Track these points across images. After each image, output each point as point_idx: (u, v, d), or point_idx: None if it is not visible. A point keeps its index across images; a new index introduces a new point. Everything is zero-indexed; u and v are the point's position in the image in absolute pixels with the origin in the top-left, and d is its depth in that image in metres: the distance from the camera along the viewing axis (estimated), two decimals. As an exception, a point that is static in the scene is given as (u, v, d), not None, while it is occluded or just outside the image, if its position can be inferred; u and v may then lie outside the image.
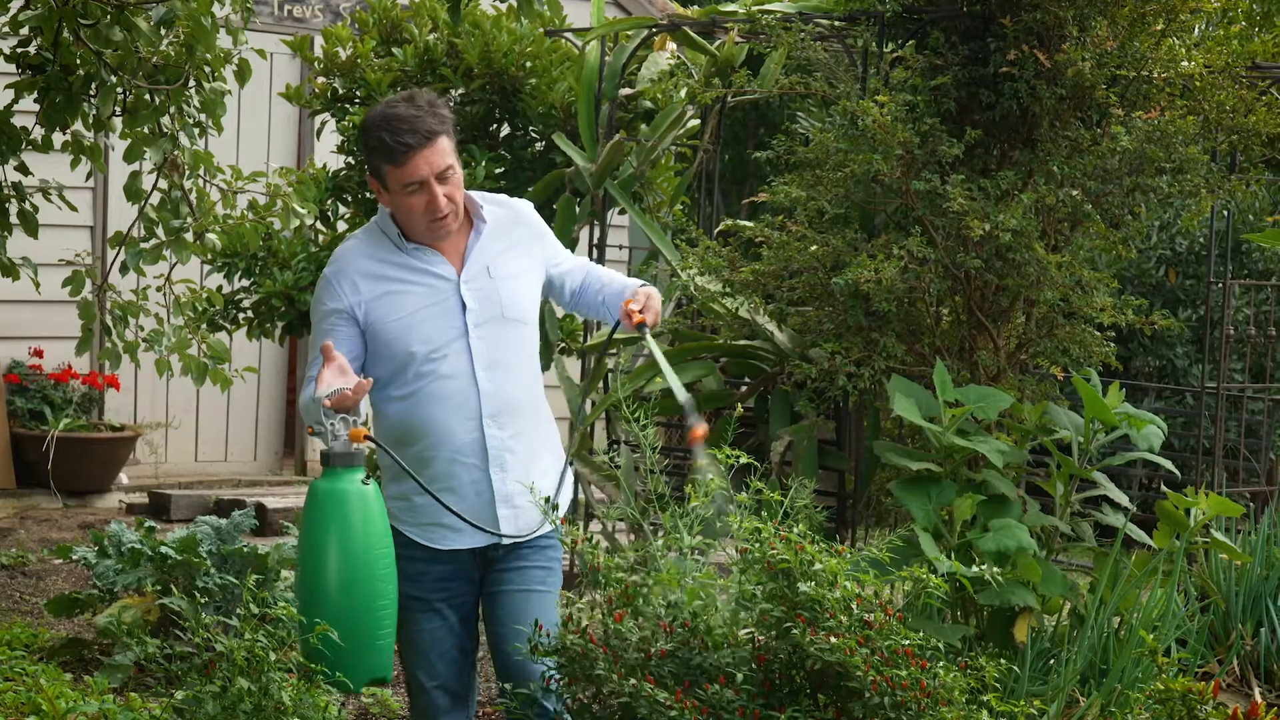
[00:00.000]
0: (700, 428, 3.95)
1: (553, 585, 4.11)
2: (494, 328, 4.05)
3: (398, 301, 4.02)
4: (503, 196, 4.28)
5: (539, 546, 4.12)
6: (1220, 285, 7.86)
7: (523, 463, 4.06)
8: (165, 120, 6.07)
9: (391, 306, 4.02)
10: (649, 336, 4.09)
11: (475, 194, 4.18)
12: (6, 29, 6.05)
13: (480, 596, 4.15)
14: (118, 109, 6.03)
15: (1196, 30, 6.67)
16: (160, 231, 6.25)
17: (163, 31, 5.89)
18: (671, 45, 7.41)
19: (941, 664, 3.65)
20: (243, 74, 6.14)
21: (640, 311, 4.09)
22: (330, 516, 3.79)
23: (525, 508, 4.06)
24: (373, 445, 3.94)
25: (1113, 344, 5.93)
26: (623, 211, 7.26)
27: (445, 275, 4.06)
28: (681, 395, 4.03)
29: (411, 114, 3.97)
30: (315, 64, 7.57)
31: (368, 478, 3.83)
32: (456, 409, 4.01)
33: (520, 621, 3.99)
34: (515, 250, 4.15)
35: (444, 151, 3.99)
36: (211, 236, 6.32)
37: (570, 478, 4.20)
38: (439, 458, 4.01)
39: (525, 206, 4.25)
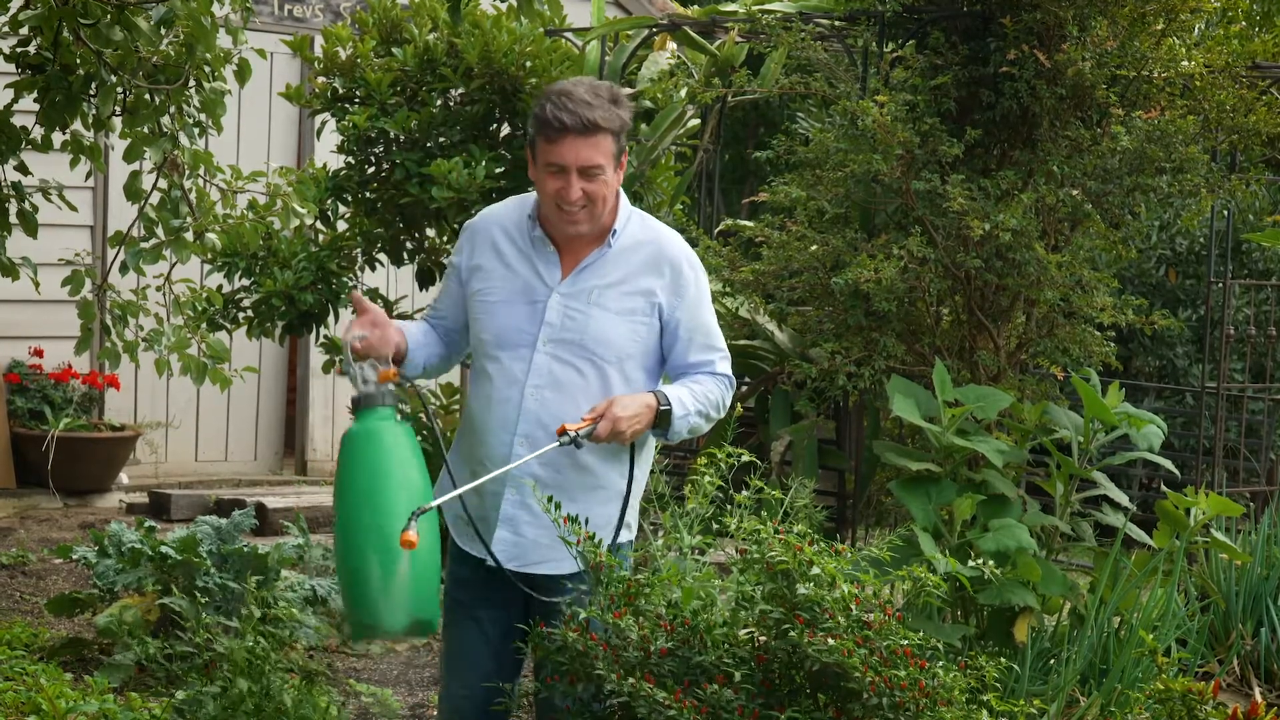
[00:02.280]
0: (410, 532, 3.57)
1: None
2: (568, 351, 3.84)
3: (493, 282, 3.90)
4: (664, 229, 3.96)
5: (586, 581, 3.86)
6: (1220, 285, 7.86)
7: (549, 494, 3.80)
8: (165, 120, 6.06)
9: (487, 284, 3.90)
10: (554, 445, 3.72)
11: (637, 211, 3.95)
12: (6, 28, 6.05)
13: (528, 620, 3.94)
14: (118, 108, 6.02)
15: (1196, 30, 6.67)
16: (160, 231, 6.24)
17: (163, 31, 5.89)
18: (671, 45, 7.41)
19: (941, 664, 3.65)
20: (243, 74, 6.13)
21: (587, 420, 3.73)
22: (363, 452, 3.68)
23: (531, 539, 3.87)
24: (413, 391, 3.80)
25: (1113, 344, 5.93)
26: (623, 211, 7.25)
27: (547, 280, 3.87)
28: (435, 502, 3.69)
29: (584, 98, 3.76)
30: (315, 64, 7.56)
31: (399, 417, 3.72)
32: (499, 416, 3.86)
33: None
34: (637, 285, 3.88)
35: (599, 149, 3.76)
36: (211, 236, 6.31)
37: (620, 534, 3.86)
38: (474, 456, 3.92)
39: (680, 251, 3.91)
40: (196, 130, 6.18)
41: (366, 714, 5.65)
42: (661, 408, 3.80)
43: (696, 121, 7.37)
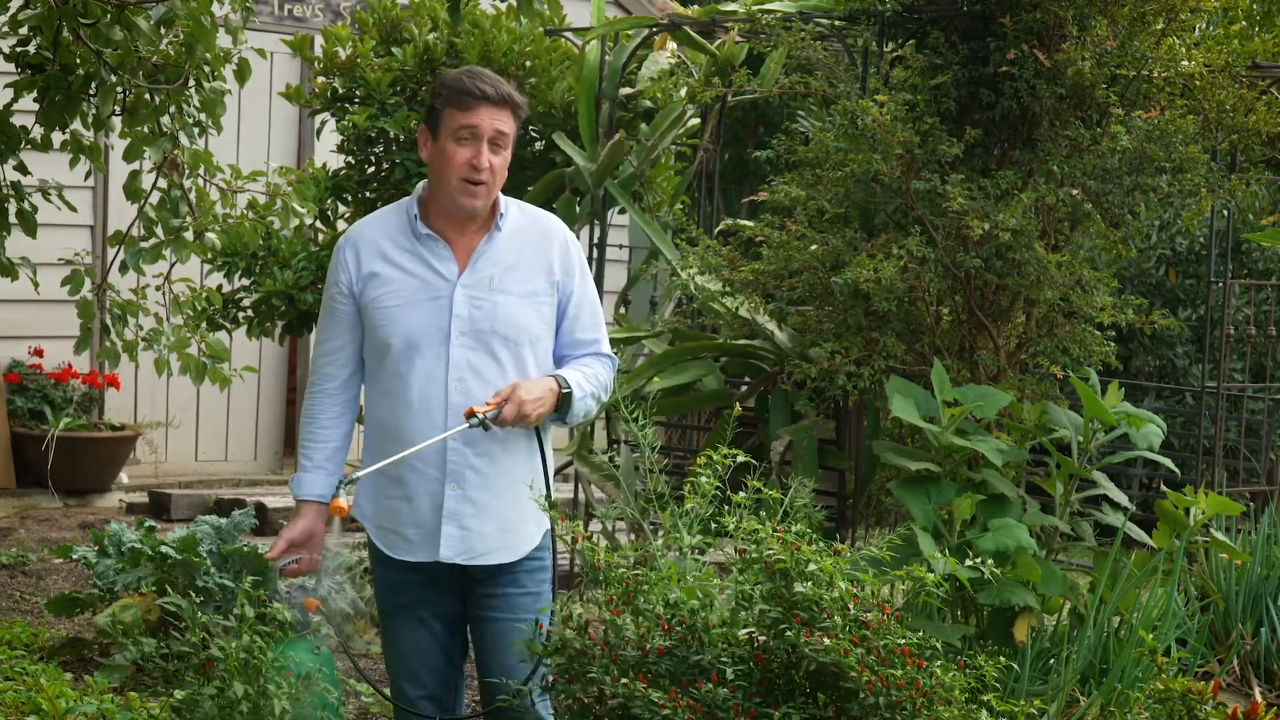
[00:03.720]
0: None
1: (535, 611, 3.95)
2: (480, 340, 3.92)
3: (391, 288, 3.94)
4: (541, 211, 4.12)
5: (526, 569, 3.99)
6: (1220, 285, 7.86)
7: (487, 485, 3.91)
8: (165, 119, 6.06)
9: (384, 291, 3.94)
10: (461, 427, 3.83)
11: (511, 200, 4.05)
12: (6, 28, 6.05)
13: (466, 613, 4.04)
14: (117, 108, 6.02)
15: (1197, 30, 6.67)
16: (160, 231, 6.24)
17: (162, 31, 5.89)
18: (671, 45, 7.41)
19: (939, 663, 3.65)
20: (242, 73, 6.14)
21: (493, 404, 3.83)
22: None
23: (477, 531, 3.92)
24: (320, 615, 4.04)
25: (1113, 343, 5.93)
26: (623, 211, 7.26)
27: (445, 274, 3.94)
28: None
29: (495, 78, 3.95)
30: (315, 63, 7.57)
31: (318, 647, 3.99)
32: (423, 415, 3.90)
33: (503, 652, 3.92)
34: (532, 268, 3.99)
35: (507, 122, 3.93)
36: (211, 236, 6.32)
37: (544, 521, 3.98)
38: (398, 463, 3.91)
39: (563, 231, 4.06)
40: (196, 130, 6.18)
41: (366, 714, 5.65)
42: (563, 390, 3.92)
43: (696, 121, 7.37)
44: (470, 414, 3.81)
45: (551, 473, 4.05)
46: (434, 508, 3.92)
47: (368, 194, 7.17)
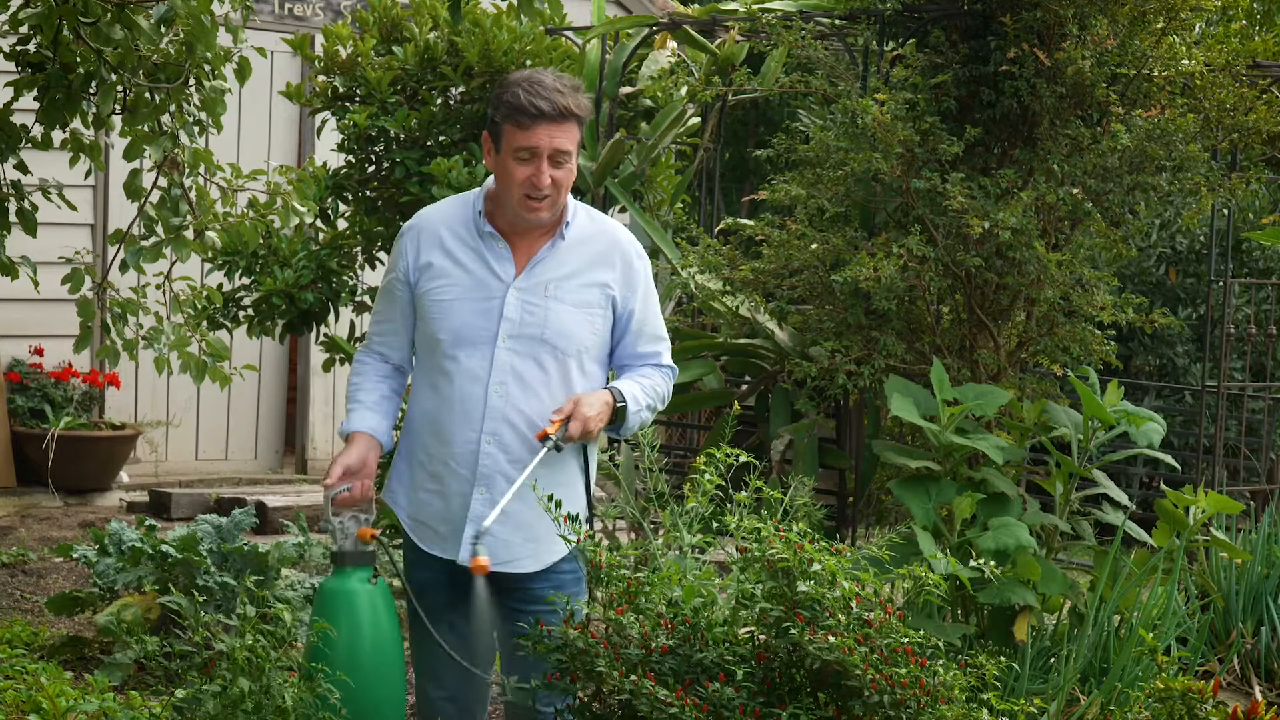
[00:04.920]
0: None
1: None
2: (528, 346, 3.86)
3: (446, 281, 3.89)
4: (612, 223, 4.03)
5: (557, 584, 3.92)
6: (1220, 283, 7.86)
7: (519, 492, 3.82)
8: (165, 118, 6.06)
9: (439, 283, 3.89)
10: (543, 451, 3.77)
11: (583, 206, 3.99)
12: (6, 27, 6.05)
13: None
14: (118, 107, 6.02)
15: (1197, 28, 6.67)
16: (160, 229, 6.24)
17: (163, 30, 5.89)
18: (672, 43, 7.41)
19: (941, 662, 3.65)
20: (243, 72, 6.13)
21: (557, 423, 3.78)
22: (338, 617, 3.82)
23: (503, 538, 3.85)
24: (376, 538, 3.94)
25: (1113, 342, 5.93)
26: (623, 209, 7.26)
27: (501, 275, 3.88)
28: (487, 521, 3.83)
29: (555, 86, 3.81)
30: (315, 62, 7.57)
31: (375, 576, 3.86)
32: (462, 415, 3.86)
33: (526, 666, 3.85)
34: (590, 278, 3.91)
35: (569, 136, 3.81)
36: (211, 234, 6.32)
37: (573, 534, 3.88)
38: (436, 457, 3.91)
39: (630, 245, 3.97)
40: (196, 129, 6.18)
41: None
42: (618, 404, 3.86)
43: (697, 120, 7.37)
44: (543, 436, 3.76)
45: (593, 486, 3.98)
46: (463, 507, 3.89)
47: (368, 193, 7.17)
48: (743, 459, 4.03)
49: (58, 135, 6.27)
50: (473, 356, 3.87)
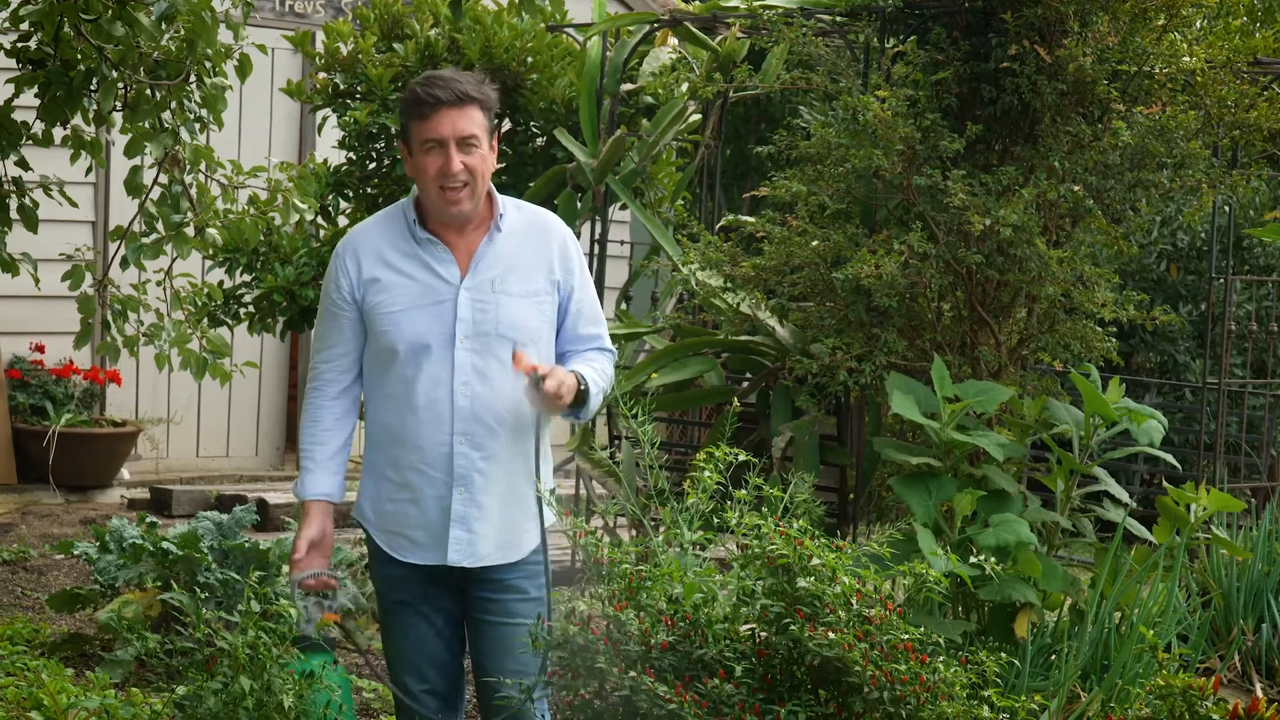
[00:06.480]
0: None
1: (535, 615, 3.94)
2: (485, 343, 3.90)
3: (393, 293, 3.92)
4: (539, 209, 4.09)
5: (525, 574, 3.99)
6: (1221, 280, 7.86)
7: (491, 488, 3.91)
8: (166, 115, 6.06)
9: (386, 296, 3.92)
10: (532, 386, 3.83)
11: (508, 199, 4.04)
12: (7, 24, 6.05)
13: (463, 609, 4.04)
14: (118, 104, 6.02)
15: (1198, 25, 6.67)
16: (161, 226, 6.25)
17: (164, 26, 5.89)
18: (673, 40, 7.41)
19: (942, 659, 3.65)
20: (244, 69, 6.14)
21: (539, 367, 3.84)
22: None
23: (483, 534, 3.92)
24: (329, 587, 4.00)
25: (1114, 339, 5.93)
26: (624, 207, 7.26)
27: (447, 277, 3.92)
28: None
29: (452, 76, 3.89)
30: (316, 59, 7.57)
31: (336, 662, 3.96)
32: (430, 420, 3.90)
33: (502, 656, 3.92)
34: (532, 268, 3.97)
35: (472, 120, 3.85)
36: (212, 231, 6.32)
37: (543, 518, 3.98)
38: (406, 465, 3.93)
39: (561, 228, 4.04)
40: (197, 125, 6.19)
41: (368, 709, 5.65)
42: (581, 387, 3.92)
43: (698, 117, 7.37)
44: (530, 370, 3.82)
45: (550, 471, 4.05)
46: (441, 511, 3.92)
47: (369, 190, 7.18)
48: (743, 456, 4.03)
49: (59, 132, 6.27)
50: (433, 362, 3.90)
